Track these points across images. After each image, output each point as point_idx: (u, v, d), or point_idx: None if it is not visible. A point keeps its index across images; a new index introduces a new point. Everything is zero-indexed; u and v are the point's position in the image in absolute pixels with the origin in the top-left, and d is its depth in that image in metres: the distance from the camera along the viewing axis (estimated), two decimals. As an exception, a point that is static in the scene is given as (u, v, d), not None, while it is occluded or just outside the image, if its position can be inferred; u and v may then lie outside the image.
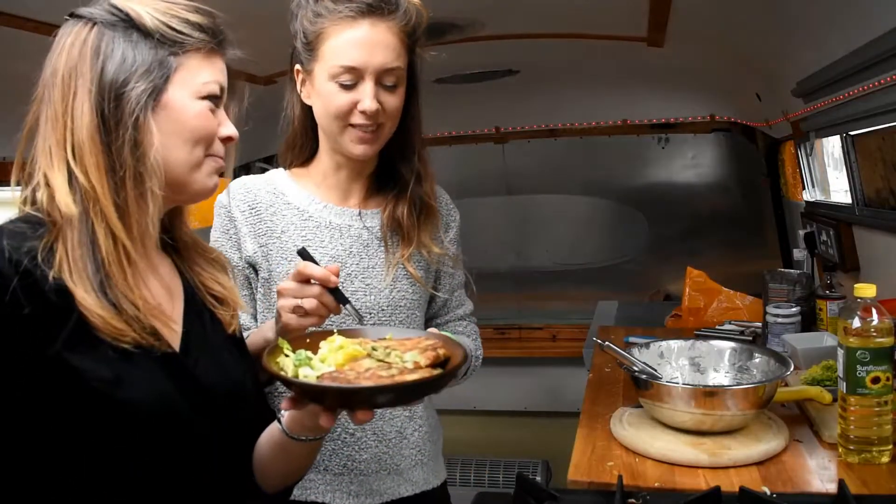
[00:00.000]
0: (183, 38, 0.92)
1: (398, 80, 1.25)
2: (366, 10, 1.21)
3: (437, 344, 0.97)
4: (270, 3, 1.26)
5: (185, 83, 0.93)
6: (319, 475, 1.32)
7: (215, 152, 0.97)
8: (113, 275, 0.86)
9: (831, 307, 2.04)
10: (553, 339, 3.53)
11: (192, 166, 0.95)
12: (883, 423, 1.30)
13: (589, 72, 2.87)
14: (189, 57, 0.93)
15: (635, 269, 3.54)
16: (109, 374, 0.83)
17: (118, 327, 0.84)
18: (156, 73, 0.90)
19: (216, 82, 0.96)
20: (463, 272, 1.48)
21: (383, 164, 1.36)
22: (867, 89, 1.72)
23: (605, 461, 1.40)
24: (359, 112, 1.23)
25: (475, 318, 1.52)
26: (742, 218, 3.37)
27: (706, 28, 2.17)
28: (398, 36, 1.23)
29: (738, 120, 3.16)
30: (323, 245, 1.31)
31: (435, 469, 1.44)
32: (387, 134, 1.28)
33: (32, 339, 0.81)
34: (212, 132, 0.95)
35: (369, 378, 0.86)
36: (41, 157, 0.88)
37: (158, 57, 0.91)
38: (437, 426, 1.49)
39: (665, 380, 1.51)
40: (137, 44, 0.90)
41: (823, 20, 1.76)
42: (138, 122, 0.88)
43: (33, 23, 1.54)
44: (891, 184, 1.95)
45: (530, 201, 3.49)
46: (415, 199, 1.33)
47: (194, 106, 0.93)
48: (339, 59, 1.21)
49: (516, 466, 3.13)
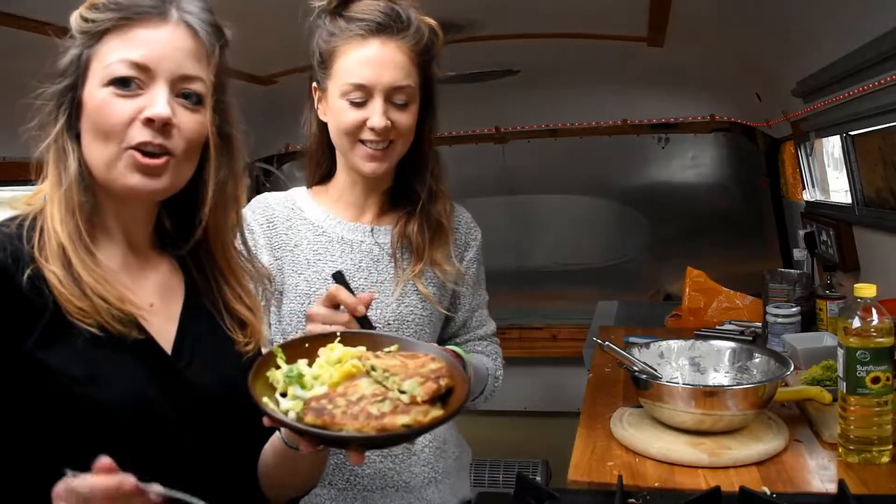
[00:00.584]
0: (89, 27, 0.87)
1: (409, 99, 1.26)
2: (375, 29, 1.23)
3: (440, 371, 0.87)
4: (270, 3, 1.27)
5: (95, 74, 0.87)
6: (324, 489, 1.32)
7: (135, 142, 0.86)
8: (68, 255, 0.85)
9: (831, 307, 2.05)
10: (553, 339, 3.53)
11: (108, 164, 0.87)
12: (883, 423, 1.30)
13: (589, 72, 2.87)
14: (103, 43, 0.87)
15: (635, 269, 3.53)
16: (83, 372, 0.82)
17: (82, 308, 0.83)
18: (67, 74, 0.88)
19: (122, 61, 0.85)
20: (485, 292, 1.48)
21: (399, 180, 1.37)
22: (867, 89, 1.72)
23: (605, 461, 1.40)
24: (368, 129, 1.24)
25: (497, 339, 1.50)
26: (742, 218, 3.36)
27: (706, 28, 2.17)
28: (408, 55, 1.25)
29: (738, 120, 3.16)
30: (333, 259, 1.32)
31: (454, 488, 1.40)
32: (398, 152, 1.29)
33: (7, 334, 0.81)
34: (118, 120, 0.85)
35: (356, 417, 0.80)
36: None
37: (76, 55, 0.88)
38: (455, 442, 1.45)
39: (665, 380, 1.51)
40: (70, 48, 0.89)
41: (823, 20, 1.76)
42: (55, 123, 0.88)
43: (33, 23, 1.54)
44: (891, 184, 1.95)
45: (530, 201, 3.48)
46: (426, 216, 1.34)
47: (98, 95, 0.86)
48: (350, 76, 1.23)
49: (516, 466, 3.12)
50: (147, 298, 0.94)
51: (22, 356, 0.81)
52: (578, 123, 3.30)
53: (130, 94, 0.86)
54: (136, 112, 0.86)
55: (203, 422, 0.92)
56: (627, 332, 2.42)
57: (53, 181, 0.89)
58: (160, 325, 0.94)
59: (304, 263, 1.32)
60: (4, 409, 0.82)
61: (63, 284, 0.83)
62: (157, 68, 0.87)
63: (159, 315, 0.94)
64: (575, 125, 3.31)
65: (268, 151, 3.39)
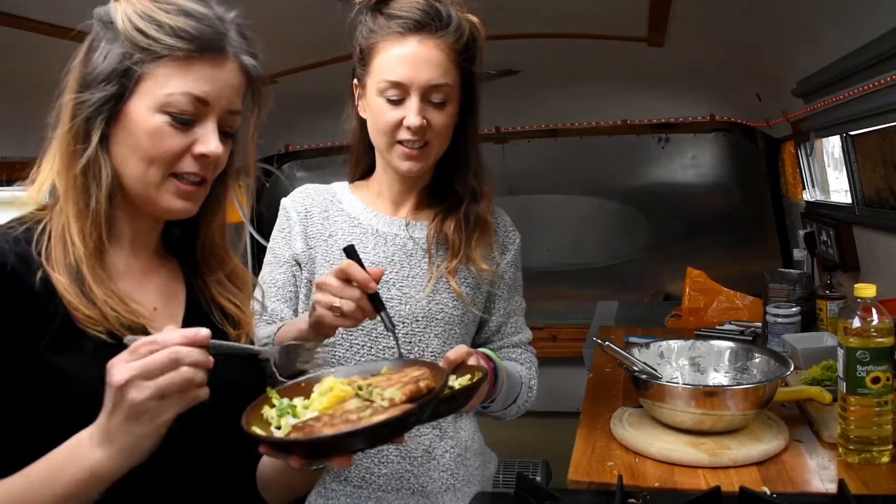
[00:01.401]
0: (149, 45, 0.85)
1: (447, 98, 1.25)
2: (413, 27, 1.22)
3: (422, 375, 0.90)
4: (270, 3, 1.27)
5: (148, 94, 0.86)
6: (340, 485, 1.31)
7: (181, 171, 0.88)
8: (82, 269, 0.85)
9: (831, 307, 2.05)
10: (553, 339, 3.53)
11: (147, 185, 0.88)
12: (883, 423, 1.30)
13: (589, 72, 2.87)
14: (159, 65, 0.85)
15: (635, 269, 3.54)
16: (93, 375, 0.81)
17: (91, 316, 0.84)
18: (114, 83, 0.85)
19: (185, 94, 0.86)
20: (521, 299, 1.46)
21: (439, 177, 1.36)
22: (867, 89, 1.72)
23: (605, 461, 1.40)
24: (405, 128, 1.23)
25: (533, 348, 1.48)
26: (742, 218, 3.37)
27: (706, 28, 2.17)
28: (446, 52, 1.23)
29: (738, 120, 3.16)
30: (366, 251, 1.31)
31: (473, 496, 1.35)
32: (436, 152, 1.28)
33: (20, 335, 0.81)
34: (168, 152, 0.87)
35: (335, 426, 0.81)
36: (47, 153, 0.90)
37: (124, 65, 0.85)
38: (479, 451, 1.43)
39: (665, 380, 1.51)
40: (112, 48, 0.86)
41: (823, 20, 1.76)
42: (89, 131, 0.86)
43: (33, 23, 1.54)
44: (891, 184, 1.95)
45: (530, 201, 3.48)
46: (469, 215, 1.32)
47: (150, 121, 0.86)
48: (386, 74, 1.22)
49: (516, 466, 3.12)
50: (150, 302, 0.95)
51: (34, 359, 0.81)
52: (578, 123, 3.31)
53: (186, 129, 0.87)
54: (189, 145, 0.88)
55: (206, 421, 0.92)
56: (627, 332, 2.42)
57: (76, 189, 0.87)
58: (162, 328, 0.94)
59: (337, 254, 1.31)
60: (15, 411, 0.82)
61: (71, 293, 0.84)
62: (214, 105, 0.88)
63: (163, 318, 0.95)
64: (575, 125, 3.31)
65: (268, 151, 3.39)
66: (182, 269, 1.02)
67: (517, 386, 1.38)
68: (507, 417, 1.40)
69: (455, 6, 1.26)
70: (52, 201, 0.90)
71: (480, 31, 1.29)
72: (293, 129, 3.26)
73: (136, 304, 0.90)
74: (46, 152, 0.90)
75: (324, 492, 1.31)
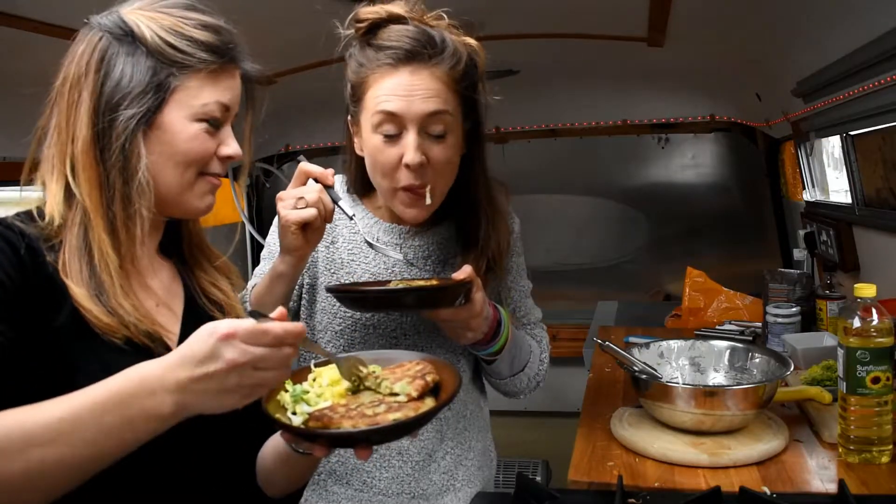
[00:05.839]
0: (183, 59, 0.89)
1: (447, 128, 1.18)
2: (404, 58, 1.15)
3: (426, 370, 0.94)
4: (270, 3, 1.26)
5: (183, 105, 0.90)
6: (341, 488, 1.31)
7: (211, 171, 0.95)
8: (104, 282, 0.87)
9: (831, 307, 2.05)
10: (553, 339, 3.51)
11: (183, 188, 0.93)
12: (883, 423, 1.30)
13: (589, 72, 2.87)
14: (190, 77, 0.90)
15: (635, 269, 3.54)
16: (98, 366, 0.82)
17: (109, 324, 0.85)
18: (150, 96, 0.88)
19: (216, 102, 0.92)
20: (527, 281, 1.44)
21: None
22: (867, 89, 1.72)
23: (605, 461, 1.40)
24: (403, 167, 1.17)
25: (544, 325, 1.47)
26: (742, 218, 3.37)
27: (706, 28, 2.17)
28: (443, 80, 1.16)
29: (738, 120, 3.16)
30: (367, 261, 1.30)
31: (473, 497, 1.34)
32: (440, 193, 1.23)
33: (34, 314, 0.82)
34: (206, 154, 0.93)
35: (353, 418, 0.85)
36: (44, 164, 0.90)
37: (156, 79, 0.88)
38: (481, 451, 1.42)
39: (665, 380, 1.52)
40: (138, 61, 0.88)
41: (823, 20, 1.76)
42: (126, 144, 0.87)
43: (33, 23, 1.54)
44: (891, 184, 1.95)
45: (530, 201, 3.48)
46: (484, 255, 1.28)
47: (189, 129, 0.91)
48: (380, 106, 1.16)
49: (516, 466, 3.12)
50: (153, 299, 0.96)
51: (51, 334, 0.82)
52: (578, 123, 3.30)
53: (215, 133, 0.94)
54: (216, 147, 0.95)
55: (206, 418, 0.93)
56: (627, 332, 2.42)
57: (112, 205, 0.88)
58: (167, 325, 0.96)
59: (339, 263, 1.30)
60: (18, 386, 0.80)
61: (89, 302, 0.85)
62: (231, 111, 0.96)
63: (165, 315, 0.96)
64: (575, 125, 3.31)
65: (268, 151, 3.39)
66: (178, 267, 1.04)
67: (526, 352, 1.36)
68: (518, 389, 1.39)
69: (451, 30, 1.20)
70: (60, 213, 0.89)
71: (480, 56, 1.23)
72: (293, 129, 3.25)
73: (160, 315, 0.94)
74: (46, 162, 0.90)
75: (325, 494, 1.31)
